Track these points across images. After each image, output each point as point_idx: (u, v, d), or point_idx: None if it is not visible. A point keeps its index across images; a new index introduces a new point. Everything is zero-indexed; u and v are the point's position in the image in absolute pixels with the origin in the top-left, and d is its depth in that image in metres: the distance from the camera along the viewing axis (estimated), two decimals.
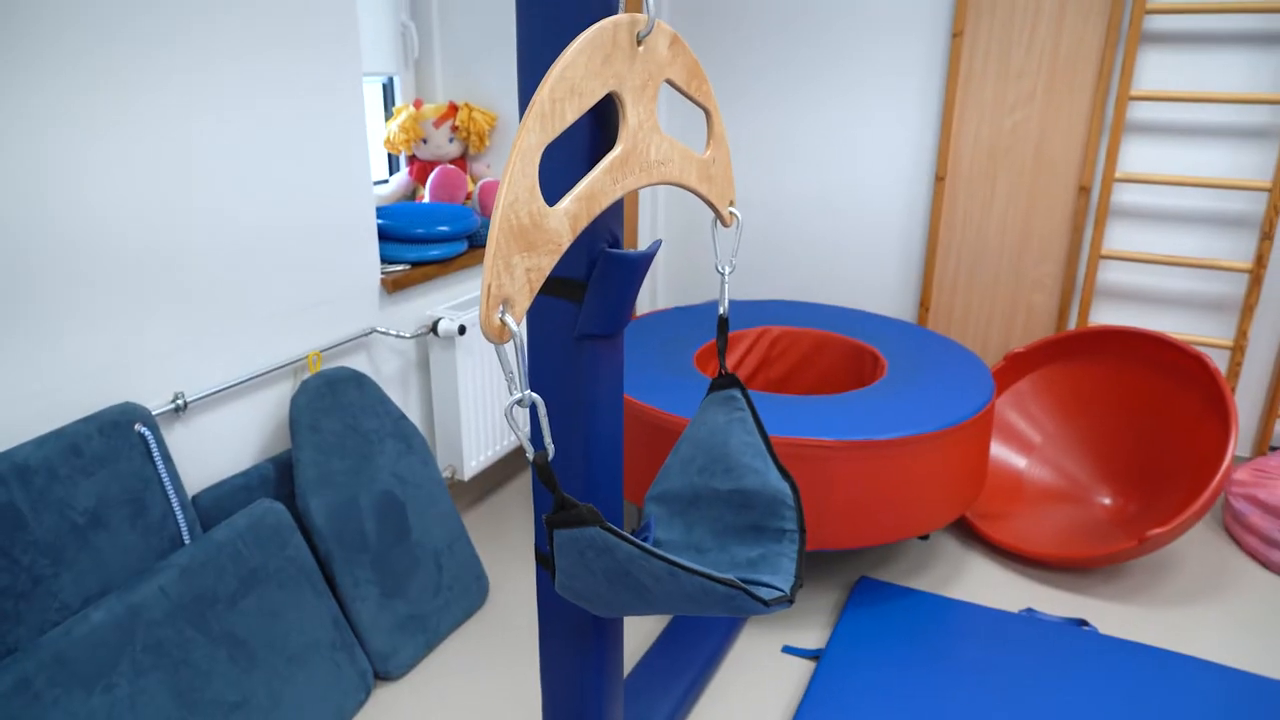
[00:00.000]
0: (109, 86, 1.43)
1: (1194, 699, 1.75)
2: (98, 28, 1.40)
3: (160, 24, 1.48)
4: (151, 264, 1.54)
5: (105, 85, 1.42)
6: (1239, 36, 2.44)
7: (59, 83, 1.37)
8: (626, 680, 1.76)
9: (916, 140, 2.84)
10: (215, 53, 1.57)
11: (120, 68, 1.44)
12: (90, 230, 1.44)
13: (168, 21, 1.49)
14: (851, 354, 2.48)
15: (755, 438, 1.33)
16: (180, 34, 1.51)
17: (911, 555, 2.30)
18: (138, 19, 1.45)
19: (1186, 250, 2.65)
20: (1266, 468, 2.44)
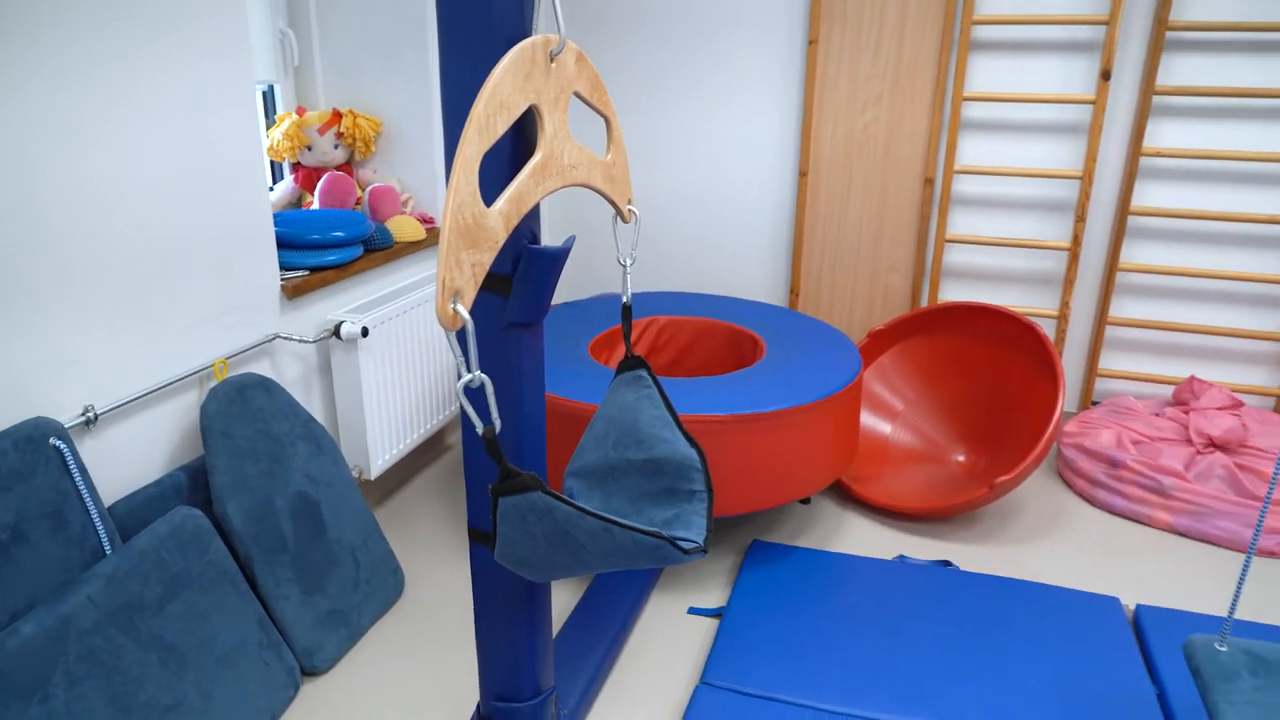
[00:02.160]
0: (5, 93, 1.43)
1: (1040, 617, 2.02)
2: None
3: (55, 30, 1.49)
4: (55, 278, 1.54)
5: (2, 93, 1.42)
6: (1052, 44, 2.78)
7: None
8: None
9: (781, 139, 3.07)
10: (109, 63, 1.59)
11: (18, 73, 1.44)
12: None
13: (62, 29, 1.50)
14: (732, 338, 2.67)
15: (663, 411, 1.47)
16: (72, 43, 1.52)
17: (796, 518, 2.51)
18: (30, 21, 1.46)
19: (1016, 232, 2.98)
20: (1090, 419, 2.79)
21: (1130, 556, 2.36)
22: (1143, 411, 2.78)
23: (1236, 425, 2.55)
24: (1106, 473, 2.61)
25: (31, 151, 1.47)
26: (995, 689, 1.80)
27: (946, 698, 1.78)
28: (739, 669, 1.84)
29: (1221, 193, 2.78)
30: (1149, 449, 2.59)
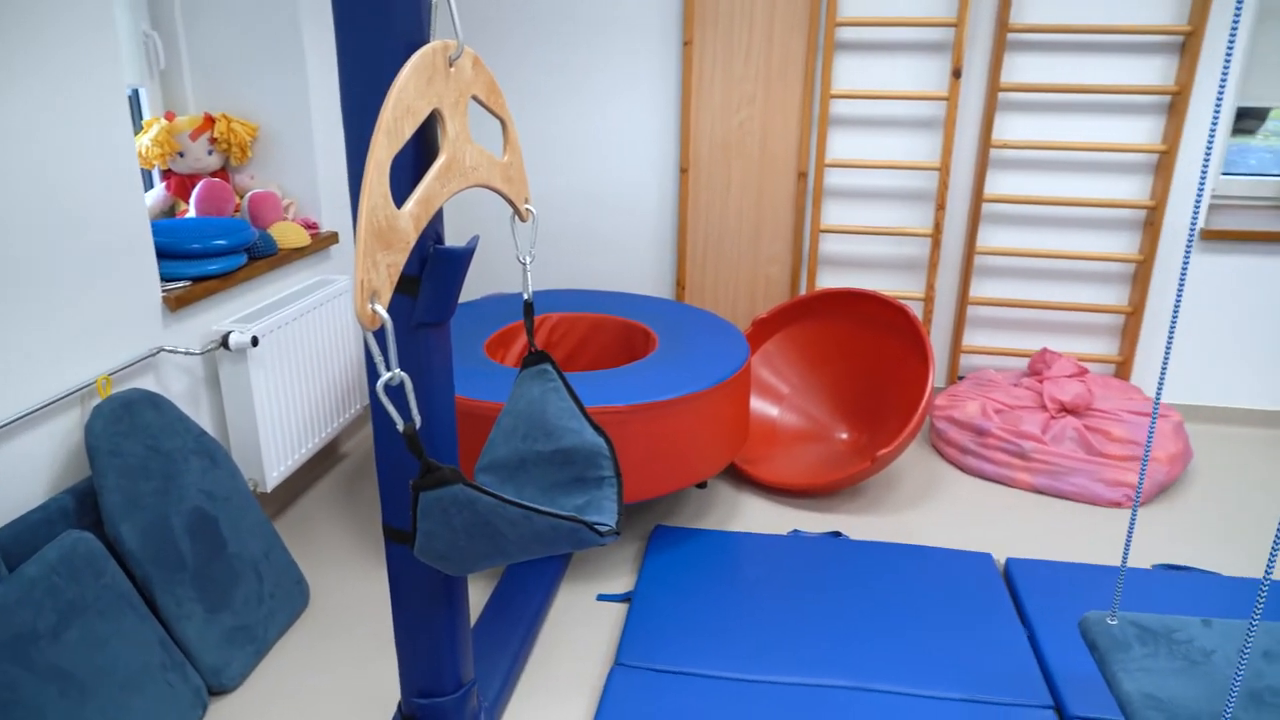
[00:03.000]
0: None
1: (923, 575, 2.18)
2: None
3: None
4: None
5: None
6: (908, 45, 2.98)
7: None
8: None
9: (662, 137, 3.17)
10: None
11: None
12: None
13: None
14: (625, 332, 2.74)
15: (569, 403, 1.53)
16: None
17: (695, 502, 2.61)
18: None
19: (884, 221, 3.18)
20: (957, 393, 3.01)
21: (999, 515, 2.57)
22: (1003, 383, 3.01)
23: (1083, 391, 2.80)
24: (974, 441, 2.82)
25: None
26: (887, 643, 1.94)
27: (844, 655, 1.90)
28: (651, 648, 1.91)
29: (1063, 179, 3.04)
30: (1010, 417, 2.82)
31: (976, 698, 1.79)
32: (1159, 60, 2.88)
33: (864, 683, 1.83)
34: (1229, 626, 1.50)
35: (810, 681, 1.83)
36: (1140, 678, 1.37)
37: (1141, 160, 2.98)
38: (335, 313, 2.53)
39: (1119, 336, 3.18)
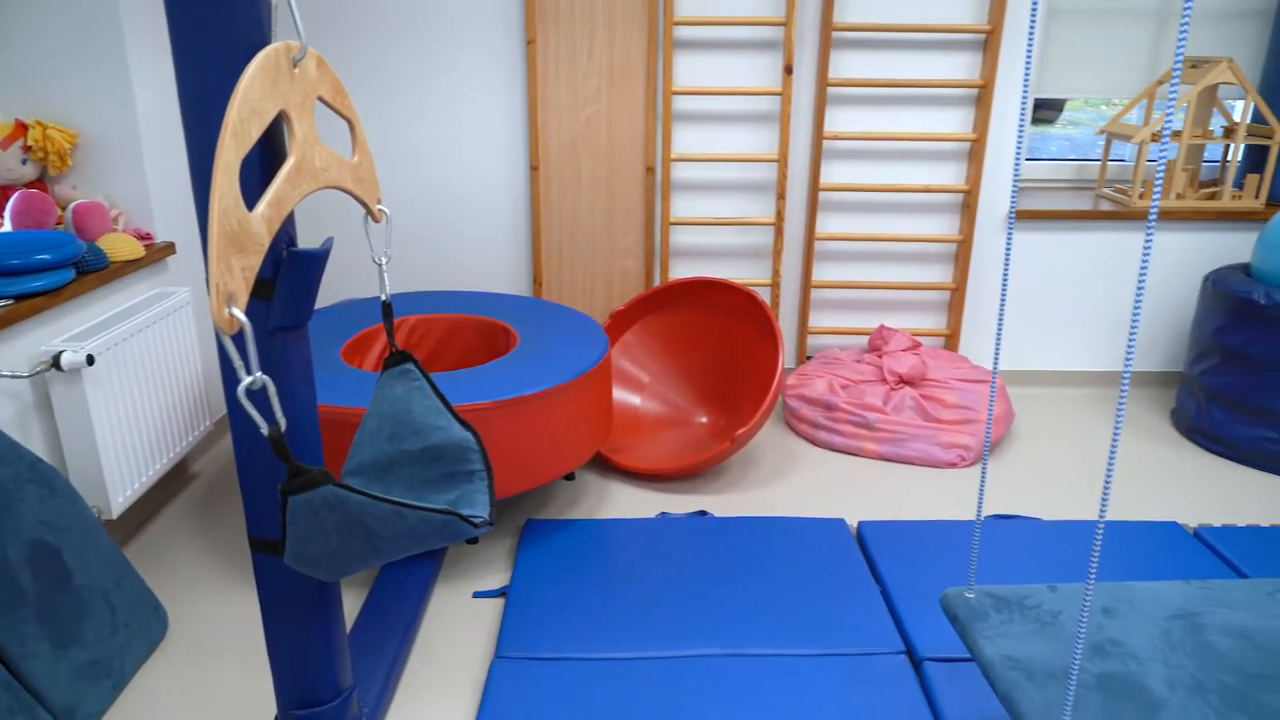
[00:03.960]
0: None
1: (784, 544, 2.32)
2: None
3: None
4: None
5: None
6: (743, 43, 3.12)
7: None
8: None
9: (510, 135, 3.18)
10: None
11: None
12: None
13: None
14: (485, 331, 2.75)
15: (434, 400, 1.54)
16: None
17: (564, 493, 2.65)
18: None
19: (730, 211, 3.31)
20: (806, 371, 3.18)
21: (849, 483, 2.75)
22: (847, 360, 3.21)
23: (918, 363, 3.03)
24: (824, 416, 3.00)
25: None
26: (753, 610, 2.05)
27: (714, 625, 1.99)
28: (530, 639, 1.94)
29: (890, 167, 3.27)
30: (855, 391, 3.01)
31: (838, 651, 1.92)
32: (966, 56, 3.14)
33: (735, 649, 1.93)
34: (1071, 590, 1.65)
35: (684, 653, 1.91)
36: (999, 642, 1.49)
37: (956, 148, 3.25)
38: (177, 326, 2.41)
39: (946, 311, 3.45)
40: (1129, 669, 1.43)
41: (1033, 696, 1.36)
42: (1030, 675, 1.40)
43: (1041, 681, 1.39)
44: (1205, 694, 1.38)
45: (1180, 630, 1.53)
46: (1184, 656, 1.46)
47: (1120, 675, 1.42)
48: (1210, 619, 1.56)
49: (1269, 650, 1.48)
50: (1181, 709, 1.34)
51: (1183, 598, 1.62)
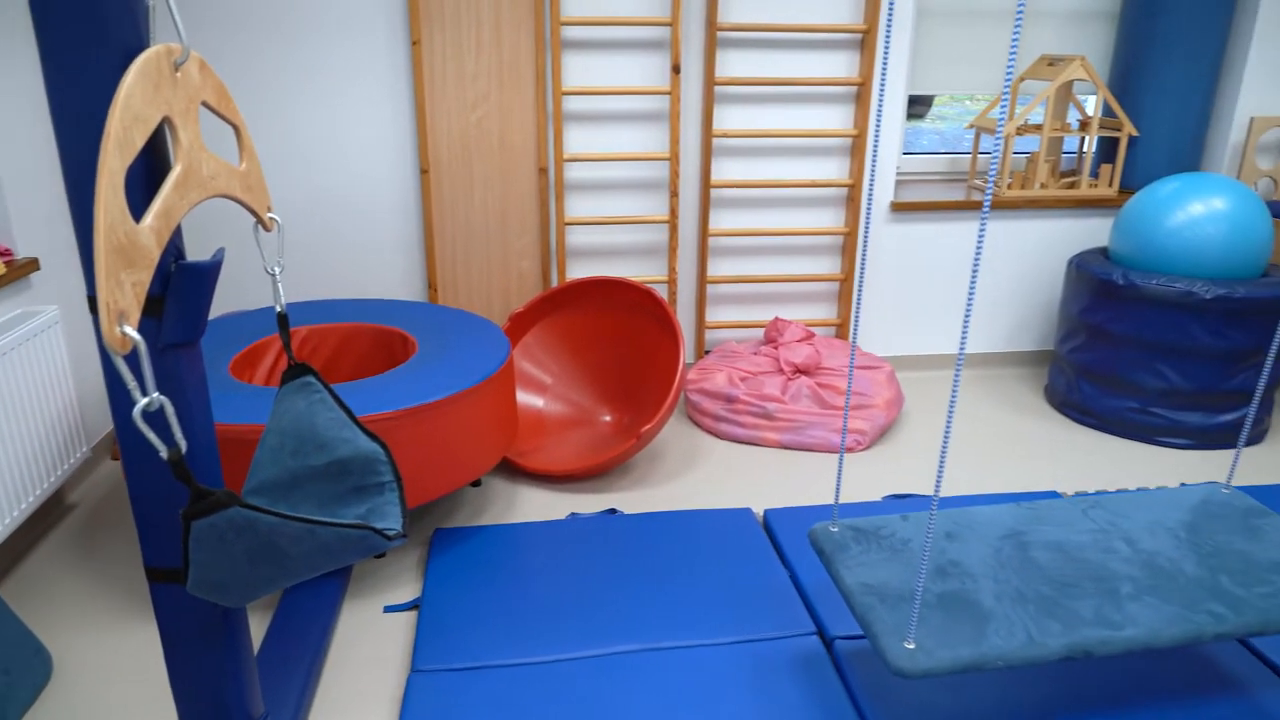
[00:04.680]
0: None
1: (693, 536, 2.35)
2: None
3: None
4: None
5: None
6: (631, 43, 3.14)
7: None
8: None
9: (399, 138, 3.11)
10: None
11: None
12: None
13: None
14: (381, 339, 2.69)
15: (339, 413, 1.50)
16: None
17: (472, 501, 2.61)
18: None
19: (624, 210, 3.34)
20: (706, 366, 3.24)
21: (753, 473, 2.81)
22: (744, 352, 3.28)
23: (812, 352, 3.13)
24: (725, 408, 3.06)
25: None
26: (668, 603, 2.08)
27: (630, 621, 2.01)
28: (446, 650, 1.91)
29: (778, 164, 3.36)
30: (754, 382, 3.08)
31: (752, 637, 1.96)
32: (845, 55, 3.25)
33: (651, 643, 1.94)
34: (920, 518, 1.80)
35: (602, 652, 1.92)
36: (858, 571, 1.63)
37: (839, 144, 3.36)
38: (46, 347, 2.26)
39: (836, 301, 3.57)
40: (965, 587, 1.61)
41: (884, 618, 1.51)
42: (883, 599, 1.55)
43: (893, 604, 1.54)
44: (1026, 604, 1.57)
45: (1009, 549, 1.72)
46: (1010, 572, 1.66)
47: (958, 593, 1.58)
48: (1033, 537, 1.77)
49: (1077, 560, 1.70)
50: (1005, 619, 1.52)
51: (1013, 518, 1.83)
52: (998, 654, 1.46)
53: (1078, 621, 1.53)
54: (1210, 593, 1.61)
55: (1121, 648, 1.50)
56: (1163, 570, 1.67)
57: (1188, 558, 1.71)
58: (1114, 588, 1.62)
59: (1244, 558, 1.71)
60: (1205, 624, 1.54)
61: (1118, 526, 1.82)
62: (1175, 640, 1.52)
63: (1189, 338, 2.89)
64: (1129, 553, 1.73)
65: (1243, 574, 1.66)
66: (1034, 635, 1.50)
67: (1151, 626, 1.53)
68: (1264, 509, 1.88)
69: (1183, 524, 1.82)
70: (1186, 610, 1.56)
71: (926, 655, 1.44)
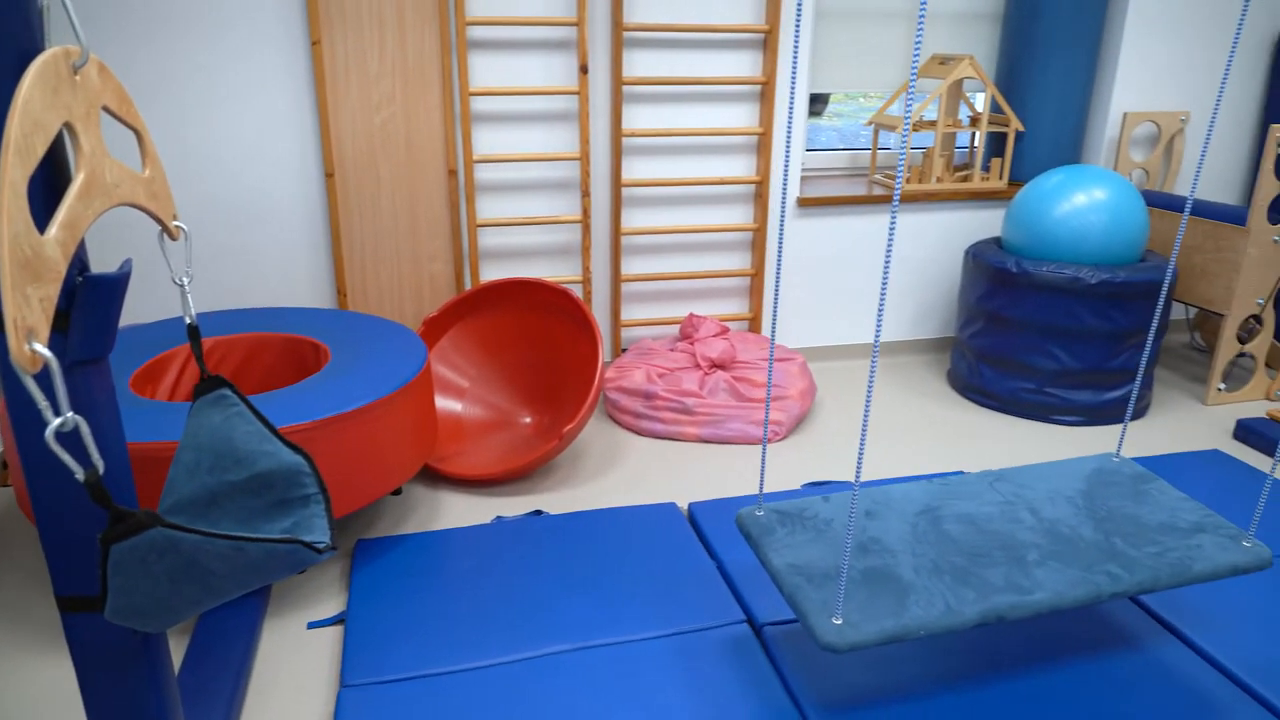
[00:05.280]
0: None
1: (620, 534, 2.37)
2: None
3: None
4: None
5: None
6: (538, 43, 3.13)
7: None
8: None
9: (301, 141, 3.02)
10: None
11: None
12: None
13: None
14: (291, 348, 2.61)
15: (257, 426, 1.45)
16: None
17: (393, 510, 2.57)
18: None
19: (537, 211, 3.32)
20: (623, 364, 3.26)
21: (676, 468, 2.85)
22: (661, 349, 3.31)
23: (727, 347, 3.18)
24: (644, 405, 3.08)
25: None
26: (598, 601, 2.09)
27: (560, 622, 2.01)
28: (375, 662, 1.88)
29: (688, 162, 3.40)
30: (672, 378, 3.12)
31: (683, 629, 1.99)
32: (749, 54, 3.32)
33: (583, 642, 1.95)
34: (841, 498, 1.87)
35: (534, 654, 1.91)
36: (784, 552, 1.69)
37: (746, 141, 3.43)
38: None
39: (748, 296, 3.64)
40: (886, 563, 1.68)
41: (812, 596, 1.57)
42: (810, 578, 1.61)
43: (819, 582, 1.61)
44: (942, 575, 1.65)
45: (924, 524, 1.81)
46: (927, 545, 1.75)
47: (879, 568, 1.66)
48: (946, 511, 1.86)
49: (987, 531, 1.80)
50: (925, 591, 1.61)
51: (926, 495, 1.92)
52: (919, 624, 1.53)
53: (990, 589, 1.61)
54: (1107, 555, 1.72)
55: (1031, 611, 1.59)
56: (1064, 536, 1.78)
57: (1085, 524, 1.82)
58: (1021, 555, 1.72)
59: (1134, 521, 1.83)
60: (1104, 584, 1.64)
61: (1022, 497, 1.92)
62: (1078, 601, 1.62)
63: (1077, 321, 3.06)
64: (1033, 521, 1.83)
65: (1134, 536, 1.78)
66: (951, 604, 1.57)
67: (1056, 589, 1.62)
68: (1150, 474, 2.01)
69: (1080, 492, 1.94)
70: (1086, 573, 1.67)
71: (853, 629, 1.50)
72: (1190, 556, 1.71)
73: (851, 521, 1.47)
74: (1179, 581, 1.67)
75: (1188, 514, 1.86)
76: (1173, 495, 1.93)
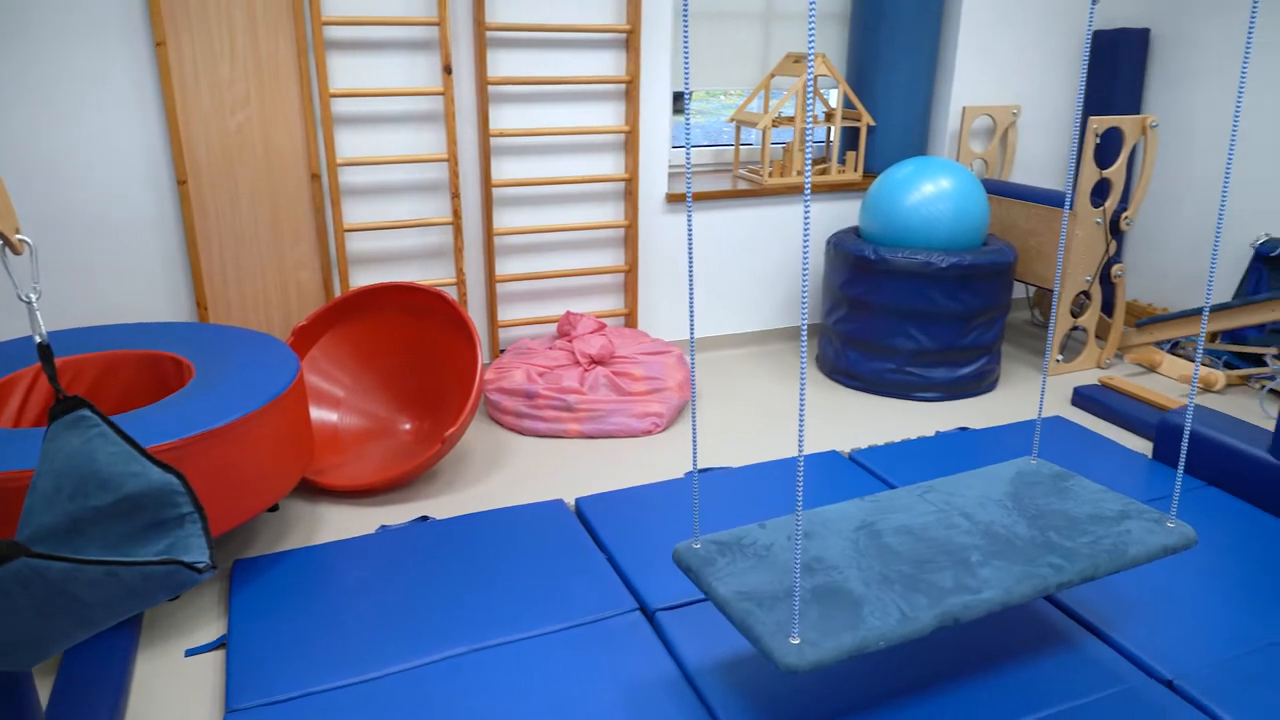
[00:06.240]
0: None
1: (510, 534, 2.37)
2: None
3: None
4: None
5: None
6: (399, 43, 3.07)
7: None
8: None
9: (149, 148, 2.86)
10: None
11: None
12: None
13: None
14: (150, 365, 2.48)
15: (123, 446, 1.39)
16: None
17: (271, 527, 2.48)
18: None
19: (406, 214, 3.27)
20: (503, 365, 3.25)
21: (560, 465, 2.87)
22: (540, 348, 3.33)
23: (606, 342, 3.23)
24: (526, 405, 3.09)
25: None
26: (493, 601, 2.09)
27: (455, 625, 2.00)
28: (262, 684, 1.82)
29: (558, 161, 3.42)
30: (552, 377, 3.14)
31: (578, 621, 2.02)
32: (613, 54, 3.37)
33: (479, 643, 1.95)
34: (776, 524, 1.88)
35: (430, 659, 1.90)
36: (728, 580, 1.67)
37: (615, 140, 3.48)
38: None
39: (623, 292, 3.70)
40: (834, 579, 1.69)
41: (764, 619, 1.55)
42: (759, 603, 1.60)
43: (769, 605, 1.59)
44: (891, 584, 1.68)
45: (864, 539, 1.83)
46: (871, 559, 1.76)
47: (828, 585, 1.67)
48: (883, 525, 1.89)
49: (926, 539, 1.83)
50: (878, 600, 1.63)
51: (861, 512, 1.94)
52: (878, 634, 1.52)
53: (941, 593, 1.64)
54: (1045, 549, 1.78)
55: (984, 609, 1.62)
56: (1001, 536, 1.84)
57: (1019, 523, 1.89)
58: (965, 558, 1.76)
59: (1064, 515, 1.91)
60: (1049, 576, 1.70)
61: (953, 505, 1.97)
62: (1027, 595, 1.66)
63: (931, 303, 3.26)
64: (969, 526, 1.88)
65: (1067, 529, 1.86)
66: (906, 612, 1.58)
67: (1005, 586, 1.67)
68: (1068, 472, 2.09)
69: (1007, 495, 2.01)
70: (1030, 567, 1.72)
71: (813, 647, 1.48)
72: (1124, 542, 1.80)
73: (798, 538, 1.46)
74: (1118, 566, 1.75)
75: (1111, 504, 1.95)
76: (1092, 488, 2.02)
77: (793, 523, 1.87)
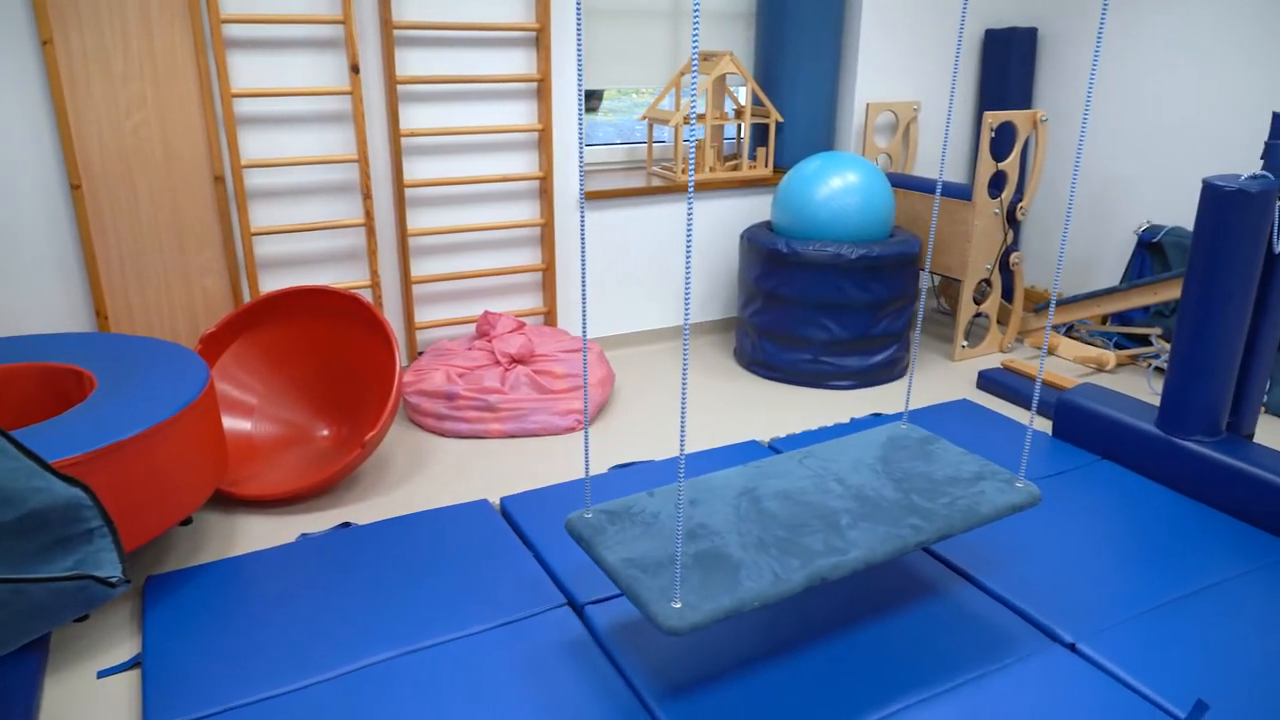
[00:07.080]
0: None
1: (434, 536, 2.36)
2: None
3: None
4: None
5: None
6: (304, 41, 3.01)
7: None
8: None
9: (38, 152, 2.73)
10: None
11: None
12: None
13: None
14: (48, 378, 2.37)
15: (24, 461, 1.34)
16: None
17: (184, 541, 2.40)
18: None
19: (317, 216, 3.20)
20: (421, 367, 3.22)
21: (483, 465, 2.86)
22: (459, 349, 3.30)
23: (525, 341, 3.22)
24: (446, 406, 3.06)
25: None
26: (421, 604, 2.07)
27: (382, 630, 1.99)
28: (182, 702, 1.77)
29: (471, 160, 3.40)
30: (472, 378, 3.12)
31: (508, 619, 2.03)
32: (523, 52, 3.36)
33: (409, 646, 1.94)
34: (665, 491, 1.96)
35: (360, 665, 1.88)
36: (617, 549, 1.74)
37: (528, 138, 3.48)
38: None
39: (541, 290, 3.70)
40: (715, 544, 1.79)
41: (649, 585, 1.64)
42: (645, 569, 1.68)
43: (654, 572, 1.68)
44: (767, 549, 1.78)
45: (745, 504, 1.94)
46: (750, 524, 1.86)
47: (710, 551, 1.77)
48: (763, 490, 2.00)
49: (801, 503, 1.95)
50: (754, 565, 1.72)
51: (744, 478, 2.05)
52: (753, 596, 1.62)
53: (812, 554, 1.74)
54: (908, 510, 1.90)
55: (849, 569, 1.72)
56: (870, 499, 1.95)
57: (886, 486, 2.00)
58: (835, 521, 1.86)
59: (926, 478, 2.03)
60: (909, 536, 1.81)
61: (829, 470, 2.08)
62: (888, 554, 1.77)
63: (842, 293, 3.36)
64: (841, 490, 1.98)
65: (928, 491, 1.98)
66: (779, 574, 1.68)
67: (869, 547, 1.77)
68: (934, 436, 2.24)
69: (878, 458, 2.12)
70: (893, 528, 1.83)
71: (692, 610, 1.56)
72: (976, 502, 1.93)
73: (681, 508, 1.53)
74: (970, 524, 1.87)
75: (969, 465, 2.09)
76: (954, 451, 2.16)
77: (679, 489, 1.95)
